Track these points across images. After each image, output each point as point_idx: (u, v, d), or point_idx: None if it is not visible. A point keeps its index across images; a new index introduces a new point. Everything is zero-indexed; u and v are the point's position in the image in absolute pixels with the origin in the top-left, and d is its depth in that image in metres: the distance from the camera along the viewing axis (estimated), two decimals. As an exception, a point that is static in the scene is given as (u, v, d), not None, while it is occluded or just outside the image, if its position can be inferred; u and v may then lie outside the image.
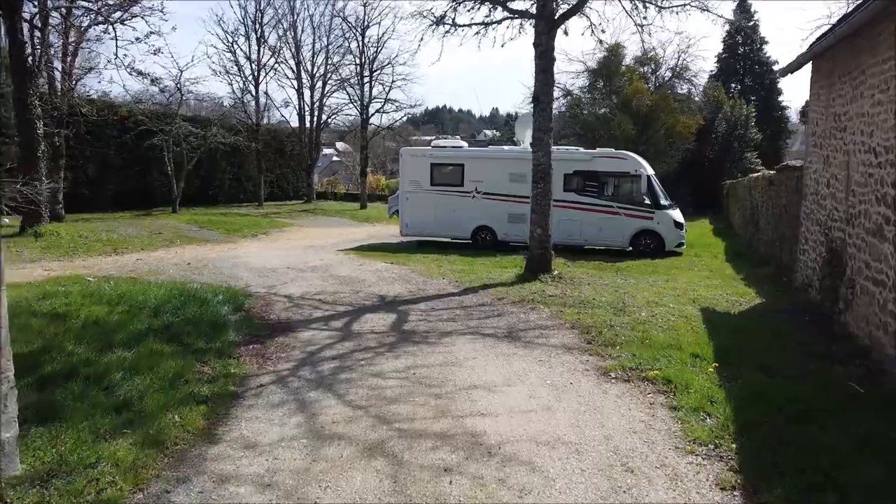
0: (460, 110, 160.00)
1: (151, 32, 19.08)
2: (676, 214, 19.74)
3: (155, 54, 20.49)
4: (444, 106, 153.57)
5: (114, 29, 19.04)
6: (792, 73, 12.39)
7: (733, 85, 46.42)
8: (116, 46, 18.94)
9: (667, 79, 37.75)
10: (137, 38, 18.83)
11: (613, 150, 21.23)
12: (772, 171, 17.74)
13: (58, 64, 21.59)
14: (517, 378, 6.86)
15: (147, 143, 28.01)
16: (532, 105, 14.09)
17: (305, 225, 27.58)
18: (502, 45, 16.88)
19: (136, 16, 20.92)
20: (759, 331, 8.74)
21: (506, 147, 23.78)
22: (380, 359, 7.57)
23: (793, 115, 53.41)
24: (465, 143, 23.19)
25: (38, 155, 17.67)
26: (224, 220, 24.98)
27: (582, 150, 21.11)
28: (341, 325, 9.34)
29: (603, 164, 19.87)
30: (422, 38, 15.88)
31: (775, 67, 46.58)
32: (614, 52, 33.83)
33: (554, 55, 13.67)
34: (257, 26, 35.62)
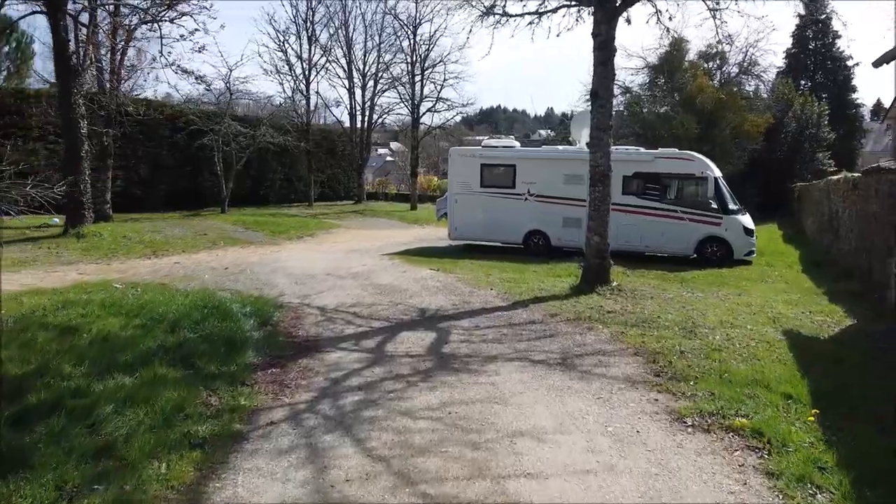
0: (514, 110, 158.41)
1: (196, 29, 18.49)
2: (746, 220, 18.14)
3: (199, 52, 19.85)
4: (499, 106, 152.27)
5: (159, 27, 18.53)
6: (887, 63, 11.06)
7: (802, 81, 43.84)
8: (161, 44, 18.46)
9: (733, 75, 35.67)
10: (182, 36, 18.27)
11: (677, 150, 19.75)
12: (856, 174, 16.02)
13: (104, 62, 21.28)
14: (572, 422, 5.72)
15: (197, 142, 27.75)
16: (589, 102, 12.88)
17: (353, 226, 26.84)
18: (557, 35, 15.74)
19: (186, 14, 20.50)
20: (860, 363, 7.37)
21: (560, 147, 22.51)
22: (412, 391, 6.53)
23: (866, 113, 50.42)
24: (517, 143, 22.03)
25: (81, 155, 17.29)
26: (271, 222, 24.43)
27: (642, 150, 19.69)
28: (374, 344, 8.34)
29: (666, 166, 18.43)
30: (470, 30, 14.79)
31: (849, 63, 43.88)
32: (677, 46, 32.05)
33: (615, 46, 12.42)
34: (308, 25, 35.25)
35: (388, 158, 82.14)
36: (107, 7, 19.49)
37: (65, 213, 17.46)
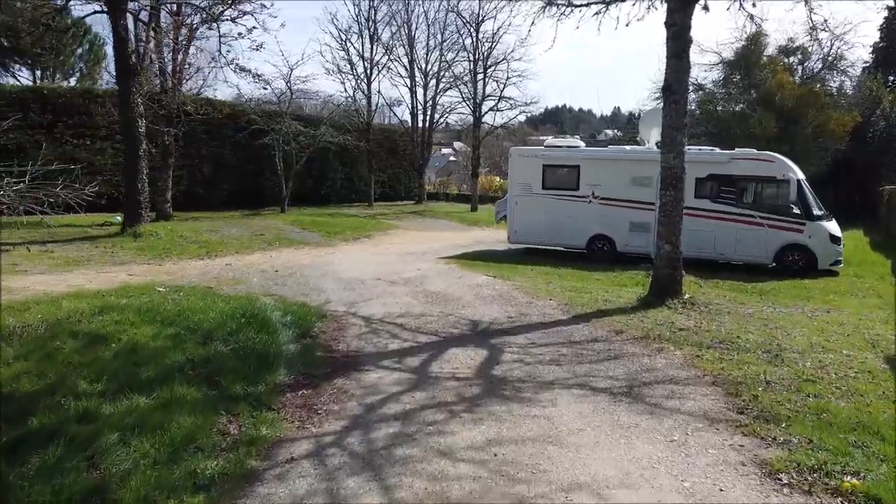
0: (580, 109, 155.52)
1: (254, 27, 18.22)
2: (832, 226, 16.60)
3: (257, 49, 19.59)
4: (564, 105, 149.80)
5: (217, 26, 18.31)
6: None
7: (891, 77, 40.86)
8: (220, 43, 18.25)
9: (816, 70, 33.41)
10: (240, 34, 18.02)
11: (755, 150, 18.31)
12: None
13: (166, 61, 21.28)
14: (640, 473, 4.80)
15: (258, 142, 27.70)
16: (662, 97, 11.82)
17: (411, 227, 26.24)
18: (627, 25, 14.62)
19: (247, 13, 20.30)
20: None
21: (628, 147, 21.31)
22: (454, 423, 5.73)
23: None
24: (581, 143, 20.95)
25: (139, 154, 17.20)
26: (328, 222, 24.06)
27: (717, 150, 18.33)
28: (418, 363, 7.58)
29: (743, 167, 17.06)
30: (533, 22, 13.89)
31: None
32: (754, 40, 30.14)
33: (690, 36, 11.30)
34: (370, 23, 34.87)
35: (452, 158, 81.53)
36: (168, 6, 19.42)
37: (123, 212, 17.45)
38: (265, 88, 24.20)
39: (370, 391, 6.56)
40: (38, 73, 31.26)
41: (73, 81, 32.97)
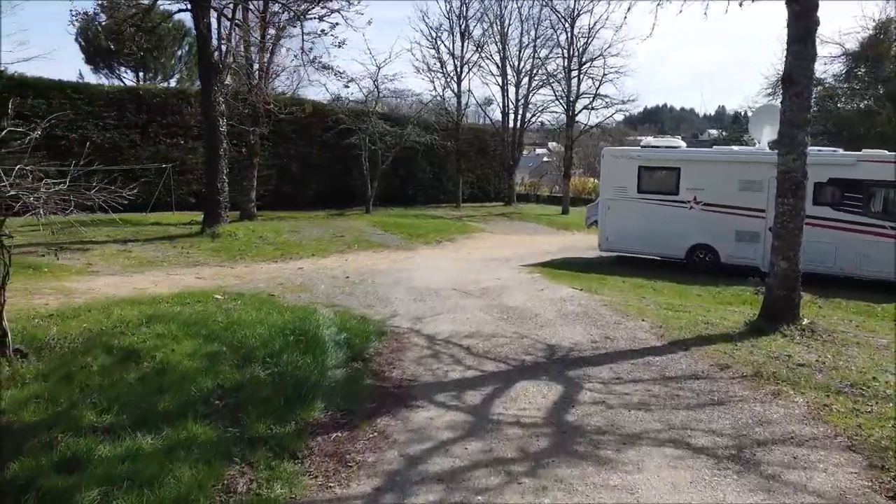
0: (682, 109, 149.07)
1: (337, 24, 17.60)
2: (983, 240, 14.21)
3: (339, 46, 19.02)
4: (664, 105, 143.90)
5: (301, 23, 17.81)
6: None
7: None
8: (303, 40, 17.75)
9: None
10: (323, 31, 17.45)
11: (886, 152, 16.00)
12: None
13: (253, 59, 21.06)
14: None
15: (345, 141, 27.30)
16: (774, 93, 10.19)
17: (497, 231, 25.06)
18: (740, 5, 12.82)
19: (335, 11, 19.77)
20: None
21: (735, 147, 19.32)
22: (510, 492, 4.56)
23: None
24: (682, 143, 19.12)
25: (219, 153, 16.91)
26: (411, 224, 23.26)
27: (840, 151, 16.16)
28: (479, 400, 6.43)
29: (871, 171, 14.87)
30: (629, 8, 12.42)
31: None
32: (884, 29, 27.03)
33: (817, 17, 9.58)
34: (462, 20, 33.89)
35: (546, 159, 79.59)
36: (254, 3, 19.13)
37: (203, 212, 17.26)
38: (347, 86, 23.70)
39: (416, 437, 5.48)
40: (141, 74, 32.29)
41: (173, 83, 33.90)
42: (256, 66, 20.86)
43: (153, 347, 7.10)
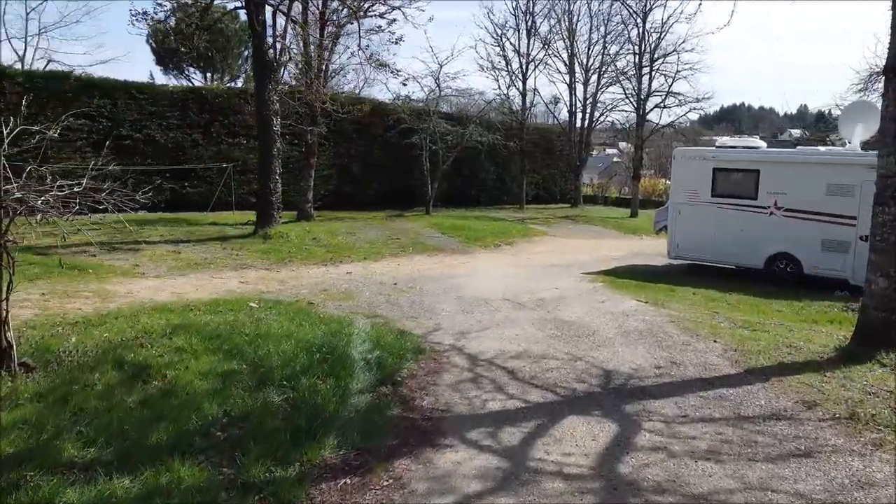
0: (761, 108, 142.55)
1: (394, 20, 16.95)
2: None
3: (396, 43, 18.37)
4: (742, 104, 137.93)
5: (360, 22, 17.25)
6: None
7: None
8: (360, 37, 17.18)
9: None
10: (379, 27, 16.83)
11: None
12: None
13: (311, 56, 20.67)
14: None
15: (405, 141, 26.70)
16: (866, 90, 8.81)
17: (560, 234, 23.92)
18: None
19: (396, 7, 19.18)
20: None
21: (822, 148, 17.66)
22: (541, 575, 3.68)
23: None
24: (762, 143, 17.57)
25: (272, 153, 16.52)
26: (470, 226, 22.40)
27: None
28: (517, 440, 5.53)
29: None
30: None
31: None
32: None
33: (929, -3, 8.22)
34: (528, 17, 32.75)
35: (616, 159, 77.33)
36: (313, 0, 18.71)
37: (256, 213, 16.93)
38: (405, 84, 23.05)
39: (437, 487, 4.64)
40: (209, 75, 32.64)
41: (239, 83, 34.13)
42: (314, 65, 20.45)
43: (167, 364, 6.53)
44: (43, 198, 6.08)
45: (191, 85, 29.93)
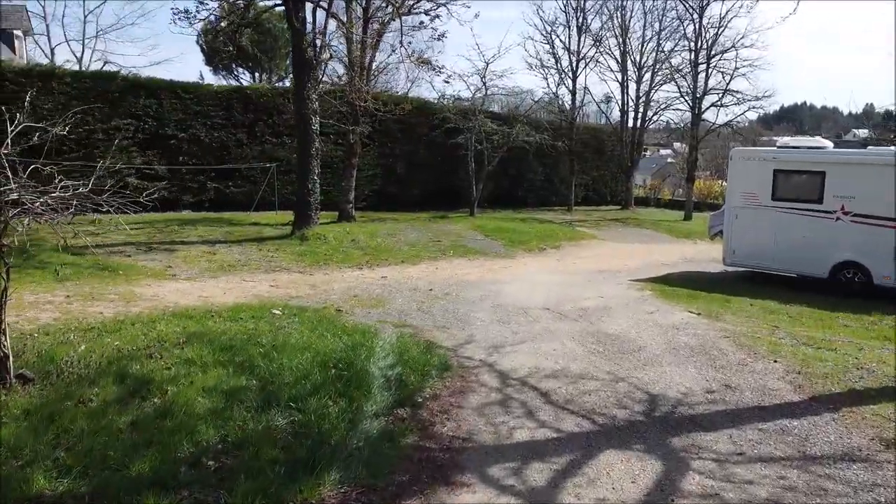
0: (823, 107, 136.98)
1: (437, 16, 16.36)
2: None
3: (439, 39, 17.76)
4: (804, 103, 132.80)
5: (400, 17, 16.73)
6: None
7: None
8: (402, 34, 16.66)
9: None
10: (421, 23, 16.27)
11: None
12: None
13: (347, 54, 20.28)
14: None
15: (451, 141, 26.08)
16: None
17: (609, 238, 22.93)
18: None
19: (441, 4, 18.62)
20: None
21: (894, 148, 16.32)
22: None
23: None
24: (827, 143, 16.32)
25: (311, 153, 16.13)
26: (514, 229, 21.64)
27: None
28: (545, 480, 4.83)
29: None
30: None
31: None
32: None
33: None
34: (579, 13, 31.66)
35: (670, 160, 75.17)
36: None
37: (294, 214, 16.59)
38: (447, 82, 22.49)
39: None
40: (257, 75, 32.69)
41: (287, 82, 34.01)
42: (356, 63, 20.06)
43: (172, 378, 6.07)
44: (41, 199, 5.67)
45: (237, 84, 29.91)
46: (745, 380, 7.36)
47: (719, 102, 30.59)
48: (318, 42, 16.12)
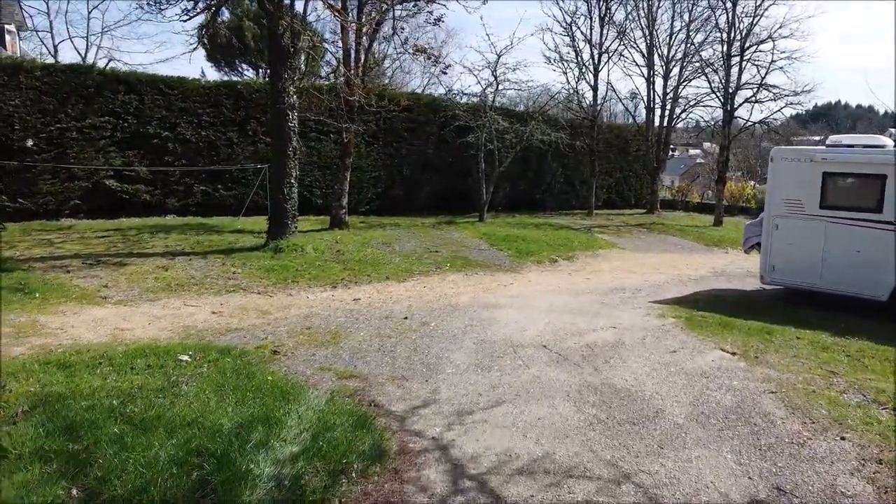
0: (859, 106, 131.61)
1: (433, 0, 14.21)
2: None
3: (435, 24, 15.60)
4: (838, 101, 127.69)
5: (391, 5, 14.64)
6: None
7: None
8: (394, 19, 14.55)
9: None
10: (415, 4, 14.13)
11: None
12: None
13: (351, 48, 18.23)
14: None
15: (460, 140, 23.86)
16: None
17: (630, 247, 20.48)
18: None
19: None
20: None
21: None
22: None
23: None
24: (888, 140, 13.76)
25: (287, 153, 14.10)
26: (525, 237, 19.34)
27: None
28: None
29: None
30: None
31: None
32: None
33: None
34: (601, 3, 29.14)
35: (699, 160, 71.87)
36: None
37: (268, 222, 14.59)
38: (444, 73, 20.31)
39: None
40: (261, 72, 30.80)
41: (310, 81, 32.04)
42: (353, 54, 18.02)
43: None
44: None
45: (227, 79, 28.04)
46: (805, 475, 5.11)
47: (754, 98, 27.84)
48: (297, 26, 13.99)
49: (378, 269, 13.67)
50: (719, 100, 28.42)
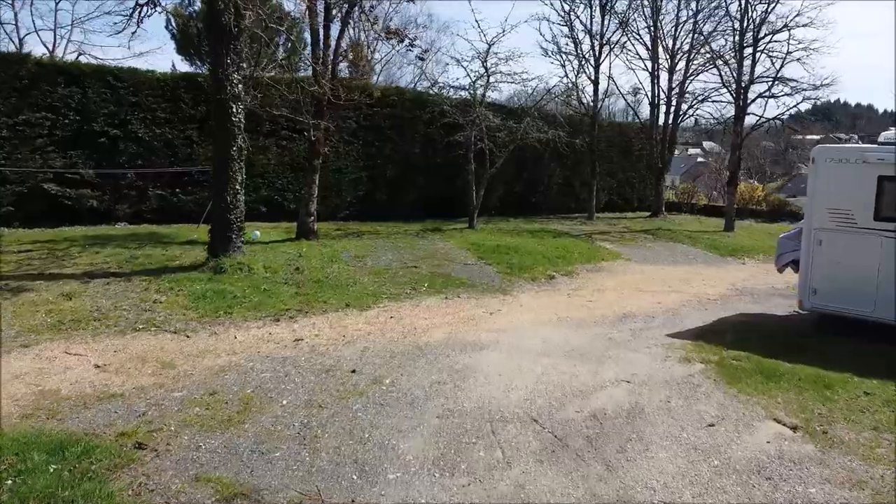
0: (858, 105, 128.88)
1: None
2: None
3: (409, 0, 13.10)
4: (837, 100, 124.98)
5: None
6: None
7: None
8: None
9: None
10: None
11: None
12: None
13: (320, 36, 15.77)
14: None
15: (448, 138, 21.36)
16: None
17: (636, 258, 17.92)
18: None
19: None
20: None
21: None
22: None
23: None
24: (953, 137, 11.27)
25: (230, 153, 11.61)
26: (519, 246, 16.80)
27: None
28: None
29: None
30: None
31: None
32: None
33: None
34: (603, -10, 26.59)
35: (700, 160, 69.32)
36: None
37: (210, 235, 12.10)
38: (422, 58, 17.75)
39: None
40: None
41: (272, 73, 29.57)
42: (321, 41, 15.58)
43: None
44: None
45: (184, 72, 25.54)
46: None
47: (769, 92, 25.27)
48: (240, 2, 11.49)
49: (339, 293, 11.19)
50: (731, 94, 25.88)
